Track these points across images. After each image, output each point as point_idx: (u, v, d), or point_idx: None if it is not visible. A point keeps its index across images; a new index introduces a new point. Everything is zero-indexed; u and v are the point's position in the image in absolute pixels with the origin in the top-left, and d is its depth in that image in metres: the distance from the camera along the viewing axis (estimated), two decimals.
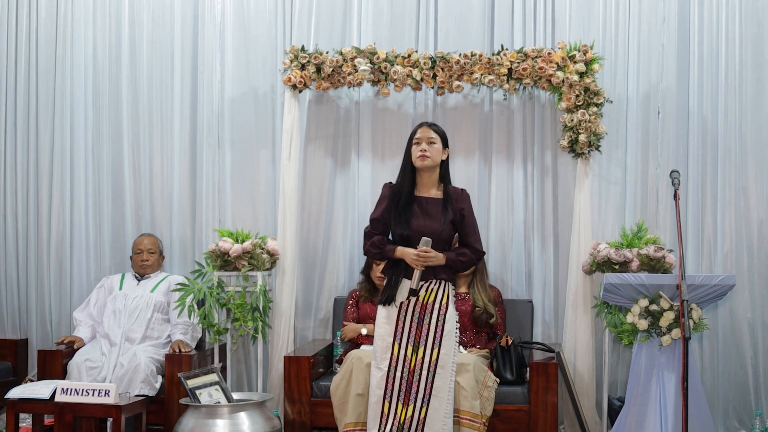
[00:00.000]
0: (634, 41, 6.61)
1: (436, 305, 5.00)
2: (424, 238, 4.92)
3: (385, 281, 5.15)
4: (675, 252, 5.97)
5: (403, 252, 4.98)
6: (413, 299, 5.00)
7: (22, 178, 7.21)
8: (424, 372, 4.95)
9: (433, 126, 5.10)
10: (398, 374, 4.97)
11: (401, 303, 5.01)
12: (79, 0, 7.17)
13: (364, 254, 5.22)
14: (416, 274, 4.94)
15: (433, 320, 4.98)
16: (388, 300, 5.04)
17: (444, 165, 5.12)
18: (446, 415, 4.96)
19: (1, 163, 7.25)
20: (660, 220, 6.54)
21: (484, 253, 5.27)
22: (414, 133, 5.09)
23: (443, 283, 5.04)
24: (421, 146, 5.02)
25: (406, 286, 5.00)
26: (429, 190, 5.09)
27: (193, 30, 7.06)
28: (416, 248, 4.94)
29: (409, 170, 5.07)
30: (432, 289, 5.02)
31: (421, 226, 4.99)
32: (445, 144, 5.11)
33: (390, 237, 5.11)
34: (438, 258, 4.96)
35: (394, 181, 5.17)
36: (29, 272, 7.19)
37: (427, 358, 4.95)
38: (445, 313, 5.00)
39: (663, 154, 6.56)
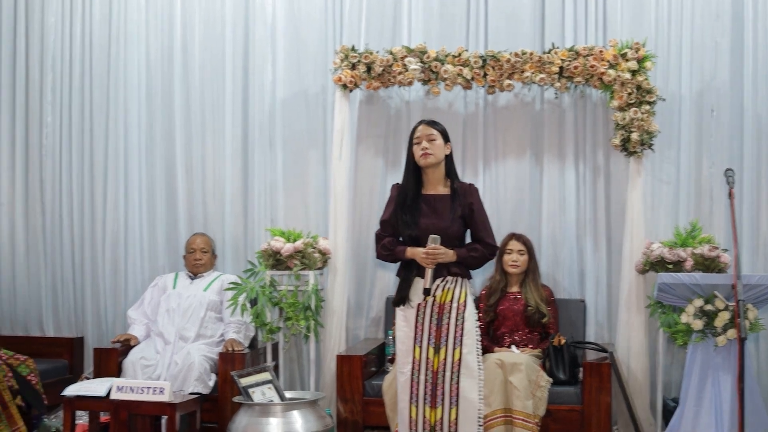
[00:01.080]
0: (687, 38, 6.54)
1: (454, 304, 4.91)
2: (431, 236, 4.84)
3: (398, 283, 5.09)
4: (730, 251, 5.91)
5: (414, 252, 4.91)
6: (430, 300, 4.93)
7: (78, 179, 7.29)
8: (448, 373, 4.86)
9: (431, 123, 5.02)
10: (422, 377, 4.89)
11: (418, 304, 4.94)
12: (133, 2, 7.24)
13: (377, 257, 5.15)
14: (428, 273, 4.86)
15: (452, 320, 4.89)
16: (402, 301, 4.97)
17: (448, 160, 5.04)
18: (479, 415, 4.89)
19: (57, 165, 7.33)
20: (714, 220, 6.47)
21: (497, 247, 5.17)
22: (413, 132, 5.03)
23: (459, 280, 4.96)
24: (422, 144, 4.94)
25: (419, 284, 4.93)
26: (436, 187, 5.03)
27: (245, 31, 7.10)
28: (425, 246, 4.87)
29: (412, 170, 5.01)
30: (449, 288, 4.93)
31: (429, 224, 4.92)
32: (446, 139, 5.03)
33: (401, 238, 5.05)
34: (448, 254, 4.87)
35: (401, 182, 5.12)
36: (85, 272, 7.28)
37: (449, 359, 4.87)
38: (464, 312, 4.91)
39: (717, 152, 6.49)
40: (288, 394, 5.83)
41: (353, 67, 6.53)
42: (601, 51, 6.24)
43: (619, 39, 6.36)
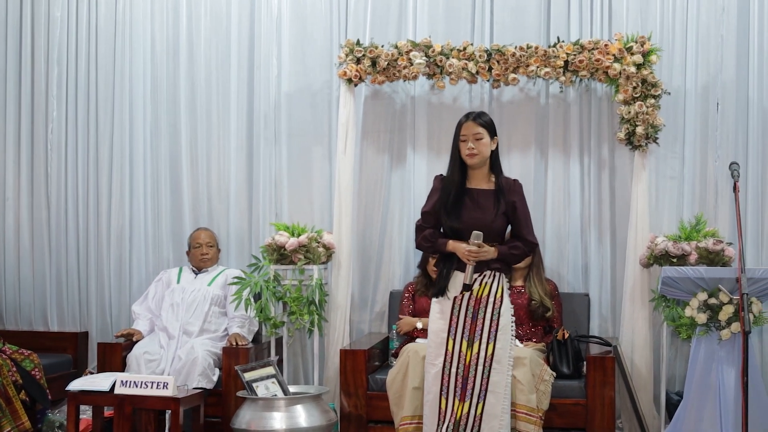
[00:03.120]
0: (692, 32, 6.50)
1: (491, 299, 4.90)
2: (474, 232, 4.82)
3: (436, 273, 5.09)
4: (734, 245, 5.85)
5: (455, 247, 4.89)
6: (467, 293, 4.92)
7: (83, 172, 7.28)
8: (480, 367, 4.86)
9: (477, 119, 4.95)
10: (454, 370, 4.89)
11: (455, 297, 4.93)
12: None
13: (416, 248, 5.16)
14: (469, 269, 4.84)
15: (488, 314, 4.88)
16: (440, 292, 4.96)
17: (494, 155, 5.02)
18: (504, 411, 4.89)
19: (62, 158, 7.32)
20: (719, 213, 6.44)
21: (536, 245, 5.18)
22: (459, 128, 4.97)
23: (497, 275, 4.94)
24: (468, 144, 4.91)
25: (458, 277, 4.92)
26: (480, 182, 5.00)
27: (250, 25, 7.09)
28: (468, 242, 4.85)
29: (458, 164, 4.99)
30: (486, 283, 4.92)
31: (472, 218, 4.90)
32: (493, 134, 4.99)
33: (442, 230, 5.03)
34: (490, 252, 4.86)
35: (445, 173, 5.08)
36: (89, 266, 7.26)
37: (482, 353, 4.87)
38: (500, 307, 4.90)
39: (722, 146, 6.45)
40: (292, 389, 5.85)
41: (358, 61, 6.52)
42: (606, 45, 6.21)
43: (625, 33, 6.33)
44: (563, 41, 6.36)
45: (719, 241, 5.96)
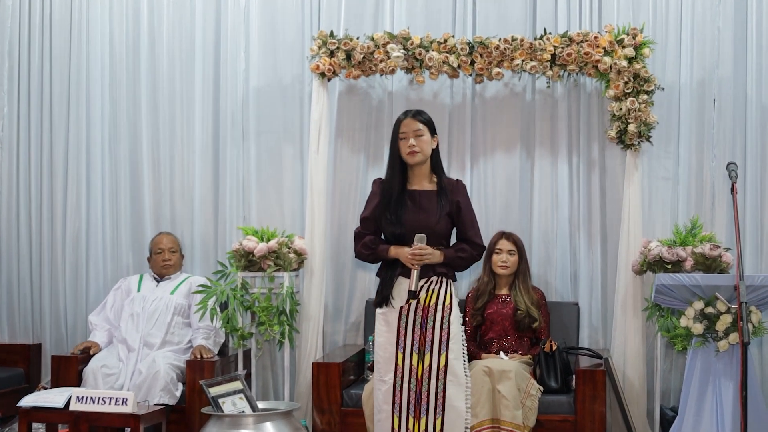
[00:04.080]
0: (687, 24, 6.44)
1: (439, 306, 4.78)
2: (417, 235, 4.72)
3: (378, 282, 4.98)
4: (732, 250, 5.75)
5: (398, 252, 4.79)
6: (413, 302, 4.80)
7: (36, 174, 7.16)
8: (433, 380, 4.73)
9: (417, 116, 4.89)
10: (405, 386, 4.77)
11: (401, 307, 4.81)
12: None
13: (356, 257, 5.04)
14: (414, 275, 4.72)
15: (437, 323, 4.76)
16: (384, 301, 4.84)
17: (435, 154, 4.94)
18: (466, 425, 4.76)
19: (14, 158, 7.19)
20: (716, 217, 6.39)
21: (484, 247, 5.07)
22: (398, 126, 4.89)
23: (444, 281, 4.83)
24: (409, 141, 4.82)
25: (403, 284, 4.81)
26: (421, 182, 4.91)
27: (216, 15, 6.98)
28: (411, 246, 4.75)
29: (398, 165, 4.89)
30: (433, 290, 4.81)
31: (415, 220, 4.80)
32: (433, 132, 4.90)
33: (383, 236, 4.95)
34: (435, 255, 4.76)
35: (383, 177, 5.02)
36: (43, 273, 7.13)
37: (434, 366, 4.73)
38: (450, 315, 4.78)
39: (719, 145, 6.40)
40: (260, 405, 5.73)
41: (332, 54, 6.44)
42: (596, 37, 6.14)
43: (616, 24, 6.27)
44: (550, 33, 6.30)
45: (716, 246, 5.90)
